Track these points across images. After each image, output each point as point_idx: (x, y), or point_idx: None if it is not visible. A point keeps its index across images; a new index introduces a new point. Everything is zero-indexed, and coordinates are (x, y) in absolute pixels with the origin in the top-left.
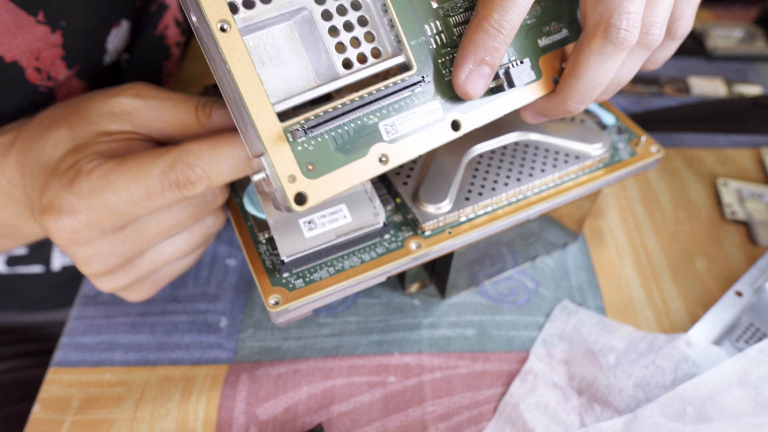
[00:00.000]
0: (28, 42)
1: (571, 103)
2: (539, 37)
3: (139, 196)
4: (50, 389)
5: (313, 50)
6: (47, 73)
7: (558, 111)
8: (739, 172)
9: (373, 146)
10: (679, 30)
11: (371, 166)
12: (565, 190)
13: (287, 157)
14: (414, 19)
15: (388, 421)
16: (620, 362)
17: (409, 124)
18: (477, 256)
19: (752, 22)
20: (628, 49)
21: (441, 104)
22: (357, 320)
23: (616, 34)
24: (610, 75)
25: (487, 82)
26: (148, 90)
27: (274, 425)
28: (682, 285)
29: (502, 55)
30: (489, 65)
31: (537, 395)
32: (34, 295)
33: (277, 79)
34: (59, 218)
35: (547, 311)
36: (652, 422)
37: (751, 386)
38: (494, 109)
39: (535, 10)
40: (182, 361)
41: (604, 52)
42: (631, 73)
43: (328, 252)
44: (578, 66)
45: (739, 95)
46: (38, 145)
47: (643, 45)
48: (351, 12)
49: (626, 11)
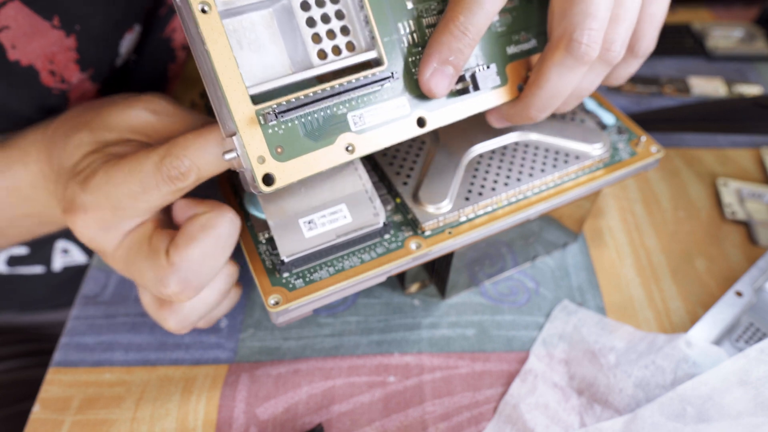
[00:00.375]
0: (43, 46)
1: (532, 110)
2: (508, 44)
3: (137, 190)
4: (50, 389)
5: (290, 39)
6: (61, 76)
7: (520, 117)
8: (739, 172)
9: (341, 135)
10: (641, 49)
11: (337, 154)
12: (565, 190)
13: (258, 138)
14: (389, 17)
15: (388, 421)
16: (620, 362)
17: (377, 117)
18: (477, 256)
19: (752, 22)
20: (588, 63)
21: (408, 101)
22: (357, 320)
23: (578, 48)
24: (571, 87)
25: (451, 81)
26: (164, 105)
27: (274, 425)
28: (682, 285)
29: (467, 56)
30: (453, 65)
31: (537, 395)
32: (35, 296)
33: (254, 64)
34: (75, 215)
35: (547, 311)
36: (652, 422)
37: (751, 386)
38: (459, 110)
39: (506, 18)
40: (182, 361)
41: (565, 65)
42: (592, 86)
43: (328, 252)
44: (541, 76)
45: (739, 95)
46: (62, 147)
47: (603, 60)
48: (329, 4)
49: (588, 27)
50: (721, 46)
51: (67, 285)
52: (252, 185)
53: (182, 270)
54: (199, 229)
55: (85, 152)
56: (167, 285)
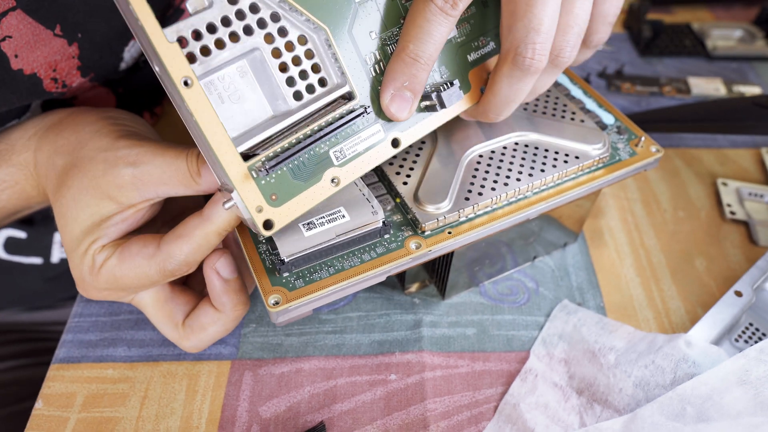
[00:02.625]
0: (46, 55)
1: (491, 114)
2: (469, 52)
3: (144, 282)
4: (53, 386)
5: (266, 85)
6: (62, 82)
7: (483, 118)
8: (739, 172)
9: (326, 171)
10: (593, 41)
11: (325, 189)
12: (565, 190)
13: (254, 191)
14: (354, 52)
15: (390, 419)
16: (620, 362)
17: (355, 147)
18: (477, 256)
19: (752, 22)
20: (536, 73)
21: (382, 126)
22: (358, 315)
23: (522, 62)
24: (523, 93)
25: (410, 104)
26: (143, 155)
27: (277, 423)
28: (682, 285)
29: (423, 79)
30: (410, 90)
31: (537, 395)
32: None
33: (236, 114)
34: (90, 294)
35: (547, 311)
36: (652, 422)
37: (750, 386)
38: (428, 125)
39: (465, 28)
40: (185, 356)
41: (513, 76)
42: (546, 85)
43: (328, 252)
44: (493, 85)
45: (739, 95)
46: (65, 201)
47: (555, 65)
48: (298, 47)
49: (532, 42)
50: (720, 46)
51: (66, 278)
52: (254, 230)
53: (198, 344)
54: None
55: (86, 226)
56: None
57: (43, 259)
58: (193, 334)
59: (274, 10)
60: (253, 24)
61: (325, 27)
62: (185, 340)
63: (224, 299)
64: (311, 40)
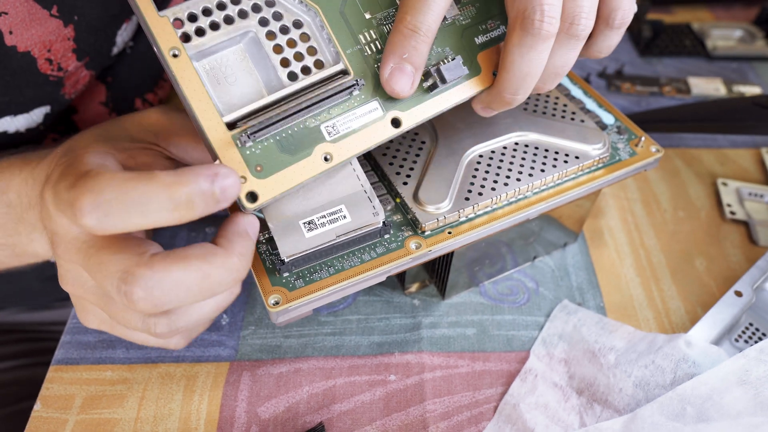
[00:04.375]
0: (41, 34)
1: (506, 94)
2: (476, 35)
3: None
4: (52, 387)
5: (262, 67)
6: (58, 64)
7: (498, 103)
8: (739, 172)
9: (317, 146)
10: (615, 20)
11: (316, 165)
12: (565, 190)
13: (237, 160)
14: (348, 31)
15: (389, 420)
16: (620, 362)
17: (351, 123)
18: (477, 256)
19: (752, 22)
20: (547, 38)
21: (380, 104)
22: (357, 318)
23: (531, 25)
24: (538, 65)
25: (412, 79)
26: (173, 110)
27: (276, 424)
28: (682, 285)
29: (423, 53)
30: (410, 63)
31: (537, 395)
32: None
33: (231, 95)
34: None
35: (547, 311)
36: (652, 422)
37: (750, 386)
38: (435, 105)
39: (470, 11)
40: (183, 358)
41: (524, 44)
42: (567, 62)
43: (328, 252)
44: (504, 59)
45: (739, 95)
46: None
47: (570, 35)
48: (293, 30)
49: (539, 3)
50: (720, 46)
51: None
52: (238, 203)
53: (155, 283)
54: (195, 256)
55: (93, 139)
56: (134, 284)
57: None
58: (162, 270)
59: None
60: (248, 8)
61: (316, 6)
62: (136, 288)
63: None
64: (306, 24)
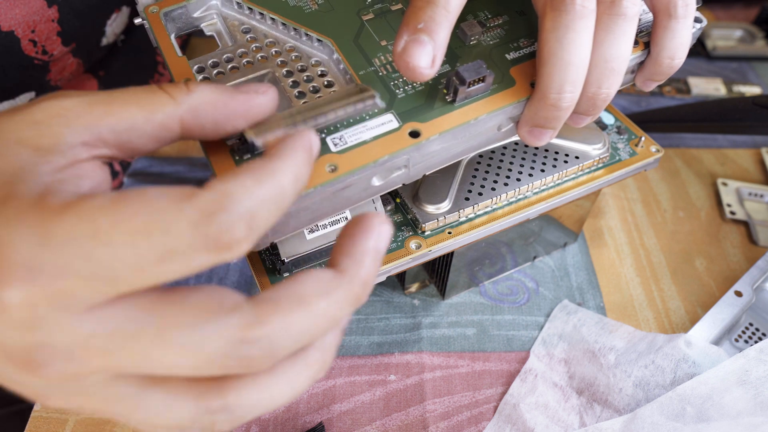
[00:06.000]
0: (24, 14)
1: (550, 94)
2: (507, 52)
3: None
4: None
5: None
6: (42, 47)
7: (543, 111)
8: (739, 172)
9: (321, 158)
10: (678, 7)
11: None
12: (565, 190)
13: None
14: (363, 58)
15: (389, 420)
16: (620, 362)
17: (360, 135)
18: (477, 256)
19: (752, 22)
20: (584, 15)
21: (395, 116)
22: (357, 318)
23: (562, 1)
24: (581, 50)
25: (427, 51)
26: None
27: (276, 424)
28: (681, 285)
29: (442, 24)
30: (426, 33)
31: (537, 395)
32: None
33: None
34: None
35: (547, 311)
36: (652, 422)
37: (750, 386)
38: (459, 116)
39: (497, 32)
40: None
41: (559, 25)
42: (619, 51)
43: (327, 252)
44: (541, 51)
45: (739, 95)
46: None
47: (613, 14)
48: (311, 68)
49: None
50: (720, 46)
51: None
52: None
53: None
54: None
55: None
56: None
57: None
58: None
59: (288, 41)
60: (267, 54)
61: (330, 39)
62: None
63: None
64: (324, 62)
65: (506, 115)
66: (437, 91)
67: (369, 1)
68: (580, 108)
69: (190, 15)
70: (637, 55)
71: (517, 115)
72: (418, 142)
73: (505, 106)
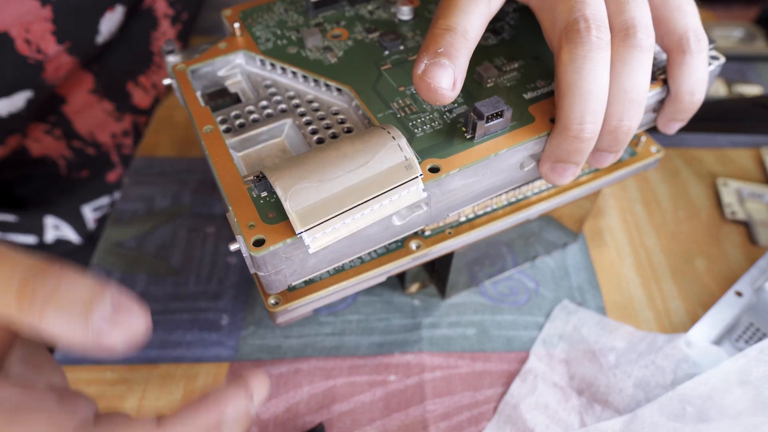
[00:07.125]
0: (18, 14)
1: (572, 126)
2: (524, 92)
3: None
4: None
5: (299, 149)
6: (37, 46)
7: (566, 143)
8: (739, 172)
9: None
10: (690, 42)
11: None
12: (565, 190)
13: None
14: (381, 102)
15: (389, 420)
16: (620, 362)
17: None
18: (477, 256)
19: (752, 22)
20: (599, 47)
21: (415, 154)
22: (358, 319)
23: (577, 33)
24: (599, 80)
25: (449, 73)
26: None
27: (275, 424)
28: (682, 285)
29: (461, 50)
30: (446, 57)
31: (537, 395)
32: None
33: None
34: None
35: (547, 311)
36: (652, 422)
37: (751, 386)
38: (479, 151)
39: (514, 75)
40: (183, 358)
41: (576, 57)
42: (637, 81)
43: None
44: (560, 84)
45: (739, 95)
46: None
47: (629, 46)
48: (330, 116)
49: (579, 9)
50: (721, 46)
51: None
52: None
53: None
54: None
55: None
56: None
57: (37, 238)
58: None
59: (309, 93)
60: (289, 105)
61: (349, 87)
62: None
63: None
64: (344, 111)
65: (527, 151)
66: (456, 129)
67: (386, 54)
68: (603, 144)
69: (215, 73)
70: (657, 92)
71: (539, 152)
72: (437, 177)
73: (526, 141)
